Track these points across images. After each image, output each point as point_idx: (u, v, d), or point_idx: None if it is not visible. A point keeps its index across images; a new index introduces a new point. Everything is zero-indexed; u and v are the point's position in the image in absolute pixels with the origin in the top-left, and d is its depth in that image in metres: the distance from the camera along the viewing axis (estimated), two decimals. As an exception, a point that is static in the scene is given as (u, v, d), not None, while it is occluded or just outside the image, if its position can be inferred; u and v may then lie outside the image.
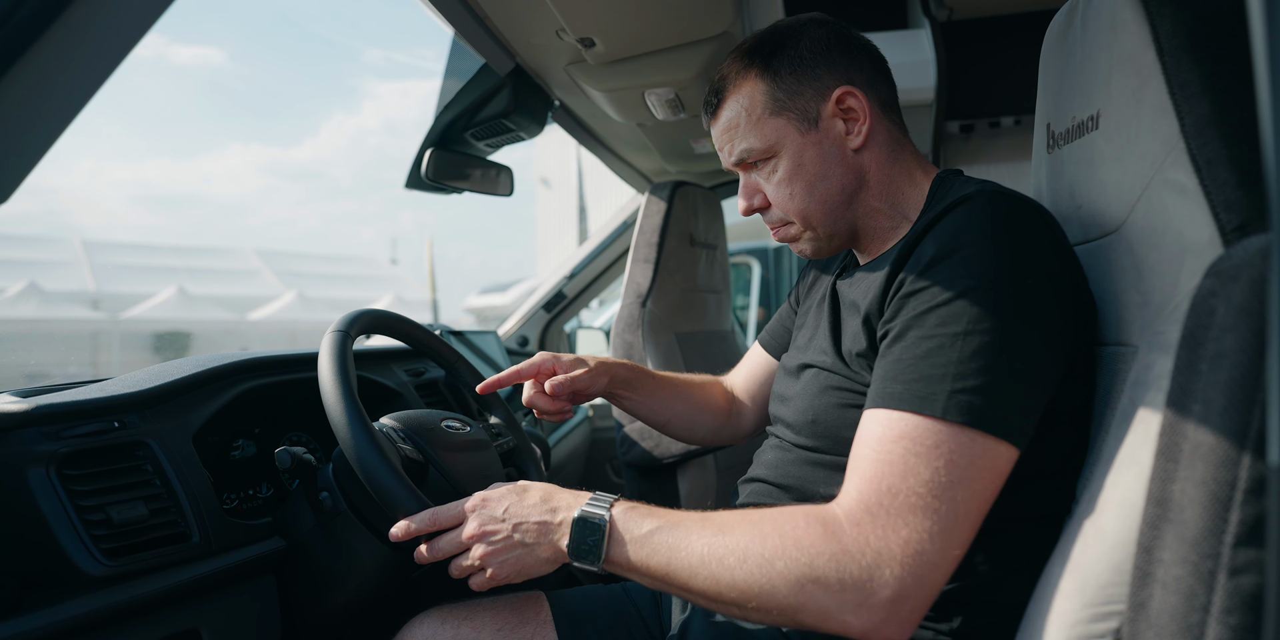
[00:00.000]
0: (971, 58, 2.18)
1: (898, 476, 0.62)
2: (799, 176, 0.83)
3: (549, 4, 1.10)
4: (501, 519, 0.75)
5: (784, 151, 0.83)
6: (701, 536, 0.66)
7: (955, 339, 0.64)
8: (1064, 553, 0.64)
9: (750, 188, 0.88)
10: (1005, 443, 0.63)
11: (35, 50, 0.61)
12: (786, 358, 0.95)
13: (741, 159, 0.85)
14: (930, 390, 0.64)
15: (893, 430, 0.64)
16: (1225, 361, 0.49)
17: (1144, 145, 0.67)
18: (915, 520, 0.60)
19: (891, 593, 0.60)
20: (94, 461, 0.81)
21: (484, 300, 10.54)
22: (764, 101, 0.83)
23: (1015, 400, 0.64)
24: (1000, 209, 0.70)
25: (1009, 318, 0.64)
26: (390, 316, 1.02)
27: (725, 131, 0.86)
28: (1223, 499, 0.47)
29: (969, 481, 0.61)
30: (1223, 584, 0.47)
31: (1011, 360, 0.64)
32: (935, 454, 0.62)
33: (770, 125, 0.83)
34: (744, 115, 0.84)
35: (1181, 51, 0.64)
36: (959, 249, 0.68)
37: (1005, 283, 0.65)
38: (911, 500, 0.61)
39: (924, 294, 0.68)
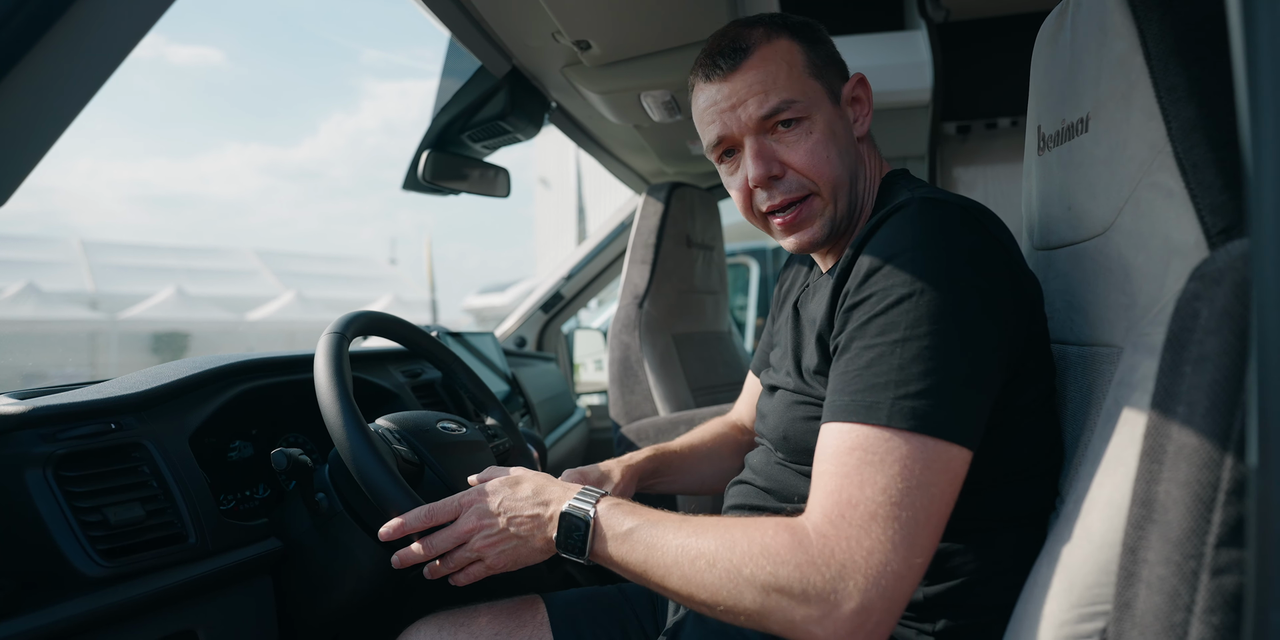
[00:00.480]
0: (968, 59, 2.19)
1: (855, 488, 0.63)
2: (832, 142, 0.81)
3: (545, 7, 1.11)
4: (497, 512, 0.76)
5: (818, 114, 0.81)
6: (677, 537, 0.68)
7: (895, 346, 0.65)
8: (1051, 553, 0.64)
9: (767, 152, 0.81)
10: (955, 445, 0.63)
11: (33, 53, 0.61)
12: (763, 377, 0.96)
13: (776, 111, 0.79)
14: (875, 399, 0.64)
15: (845, 442, 0.65)
16: (1208, 364, 0.49)
17: (1132, 148, 0.68)
18: (877, 530, 0.61)
19: (856, 605, 0.60)
20: (91, 463, 0.81)
21: (483, 300, 10.53)
22: (804, 61, 0.81)
23: (959, 402, 0.64)
24: (930, 216, 0.70)
25: (946, 320, 0.65)
26: (386, 318, 1.03)
27: (755, 85, 0.80)
28: (1205, 500, 0.48)
29: (925, 486, 0.62)
30: (1205, 584, 0.47)
31: (951, 362, 0.65)
32: (888, 462, 0.62)
33: (810, 86, 0.81)
34: (785, 69, 0.80)
35: (1169, 56, 0.65)
36: (892, 258, 0.68)
37: (937, 288, 0.66)
38: (871, 509, 0.61)
39: (864, 306, 0.69)
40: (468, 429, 1.01)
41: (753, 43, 0.81)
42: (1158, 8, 0.66)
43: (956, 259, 0.68)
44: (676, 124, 1.61)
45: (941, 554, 0.72)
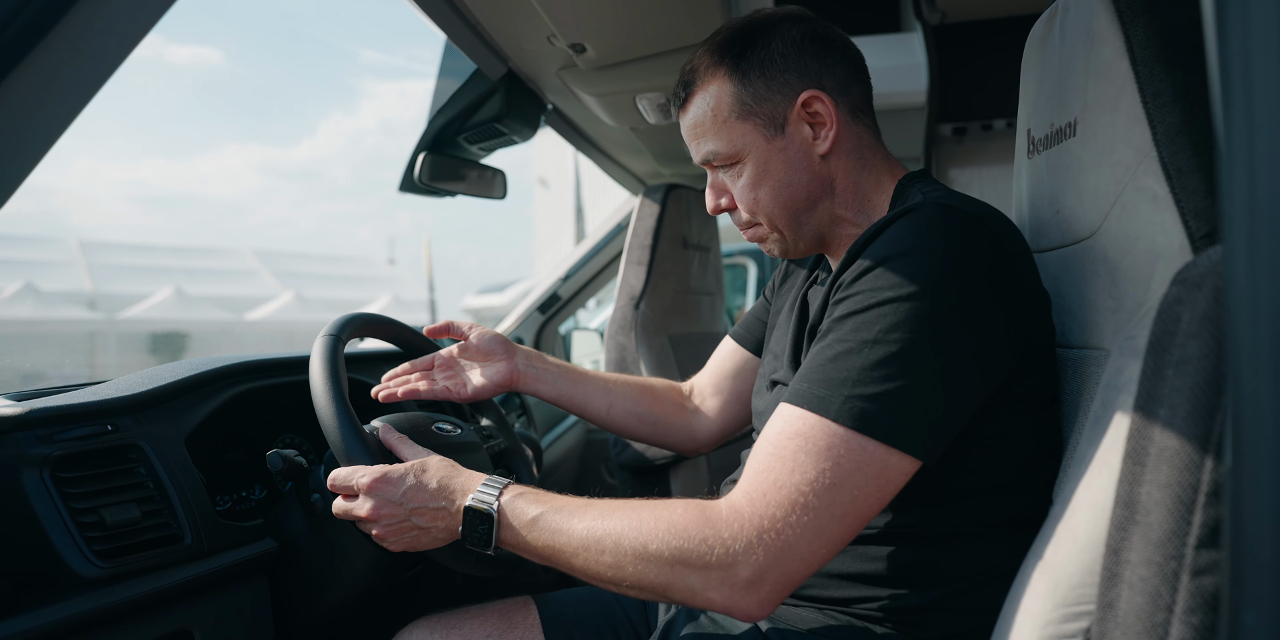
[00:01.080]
0: (964, 61, 2.20)
1: (785, 471, 0.64)
2: (764, 182, 0.83)
3: (540, 11, 1.12)
4: (399, 503, 0.77)
5: (749, 157, 0.83)
6: (583, 521, 0.70)
7: (864, 346, 0.66)
8: (1037, 554, 0.65)
9: (718, 187, 0.88)
10: (900, 452, 0.64)
11: (33, 55, 0.62)
12: (762, 368, 0.95)
13: (707, 160, 0.85)
14: (829, 392, 0.65)
15: (789, 427, 0.66)
16: (1189, 367, 0.50)
17: (1118, 153, 0.68)
18: (792, 515, 0.63)
19: (752, 573, 0.63)
20: (88, 464, 0.82)
21: (482, 300, 10.54)
22: (730, 104, 0.82)
23: (913, 411, 0.64)
24: (941, 221, 0.69)
25: (922, 330, 0.65)
26: (381, 319, 1.03)
27: (692, 128, 0.86)
28: (1186, 502, 0.49)
29: (852, 486, 0.63)
30: (1185, 584, 0.48)
31: (916, 372, 0.64)
32: (825, 455, 0.63)
33: (736, 129, 0.82)
34: (710, 116, 0.83)
35: (1154, 61, 0.66)
36: (890, 258, 0.68)
37: (922, 296, 0.65)
38: (793, 496, 0.63)
39: (848, 301, 0.69)
40: (463, 430, 1.02)
41: (696, 79, 0.85)
42: (1143, 13, 0.67)
43: (951, 268, 0.67)
44: (672, 126, 1.61)
45: (938, 560, 0.72)
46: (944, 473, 0.69)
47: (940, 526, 0.72)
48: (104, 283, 12.79)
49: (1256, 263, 0.34)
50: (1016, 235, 0.73)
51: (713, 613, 0.86)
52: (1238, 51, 0.35)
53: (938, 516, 0.72)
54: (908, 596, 0.72)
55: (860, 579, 0.74)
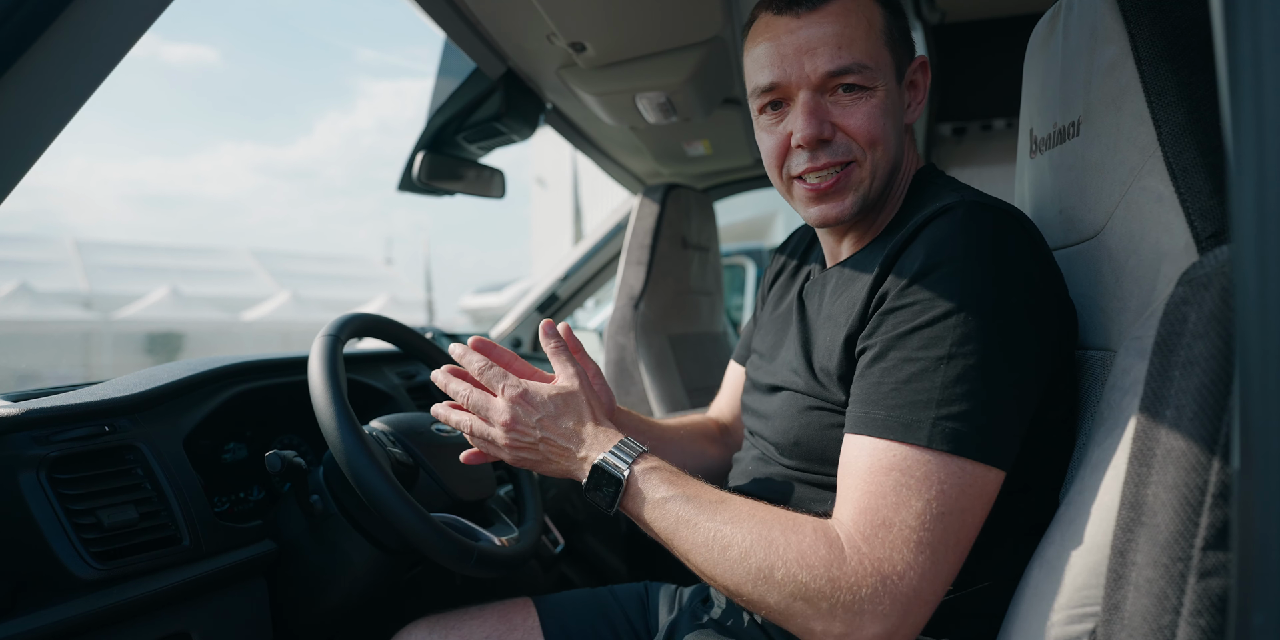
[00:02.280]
0: (964, 60, 2.20)
1: (890, 509, 0.61)
2: (890, 115, 0.76)
3: (539, 9, 1.11)
4: (533, 426, 0.75)
5: (882, 85, 0.76)
6: (712, 521, 0.67)
7: (939, 363, 0.63)
8: (1044, 556, 0.65)
9: (821, 112, 0.75)
10: (993, 468, 0.62)
11: (29, 55, 0.61)
12: (754, 370, 0.91)
13: (846, 71, 0.74)
14: (915, 417, 0.62)
15: (881, 461, 0.63)
16: (1196, 368, 0.50)
17: (1123, 152, 0.68)
18: (910, 555, 0.60)
19: (882, 628, 0.60)
20: (85, 465, 0.81)
21: (479, 300, 10.52)
22: (883, 26, 0.76)
23: (1000, 424, 0.63)
24: (982, 221, 0.67)
25: (992, 340, 0.63)
26: (380, 320, 1.03)
27: (831, 35, 0.74)
28: (1193, 503, 0.48)
29: (960, 511, 0.61)
30: (1192, 586, 0.47)
31: (995, 384, 0.63)
32: (926, 485, 0.61)
33: (882, 54, 0.76)
34: (866, 28, 0.75)
35: (1159, 60, 0.65)
36: (940, 265, 0.66)
37: (988, 303, 0.64)
38: (905, 533, 0.60)
39: (905, 312, 0.66)
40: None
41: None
42: (1149, 12, 0.67)
43: (1006, 273, 0.65)
44: (672, 125, 1.61)
45: None
46: None
47: None
48: (99, 282, 12.75)
49: (1266, 263, 0.34)
50: (1040, 233, 0.72)
51: (715, 615, 0.85)
52: (1246, 51, 0.35)
53: None
54: None
55: None
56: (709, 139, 1.84)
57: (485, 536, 0.87)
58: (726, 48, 1.34)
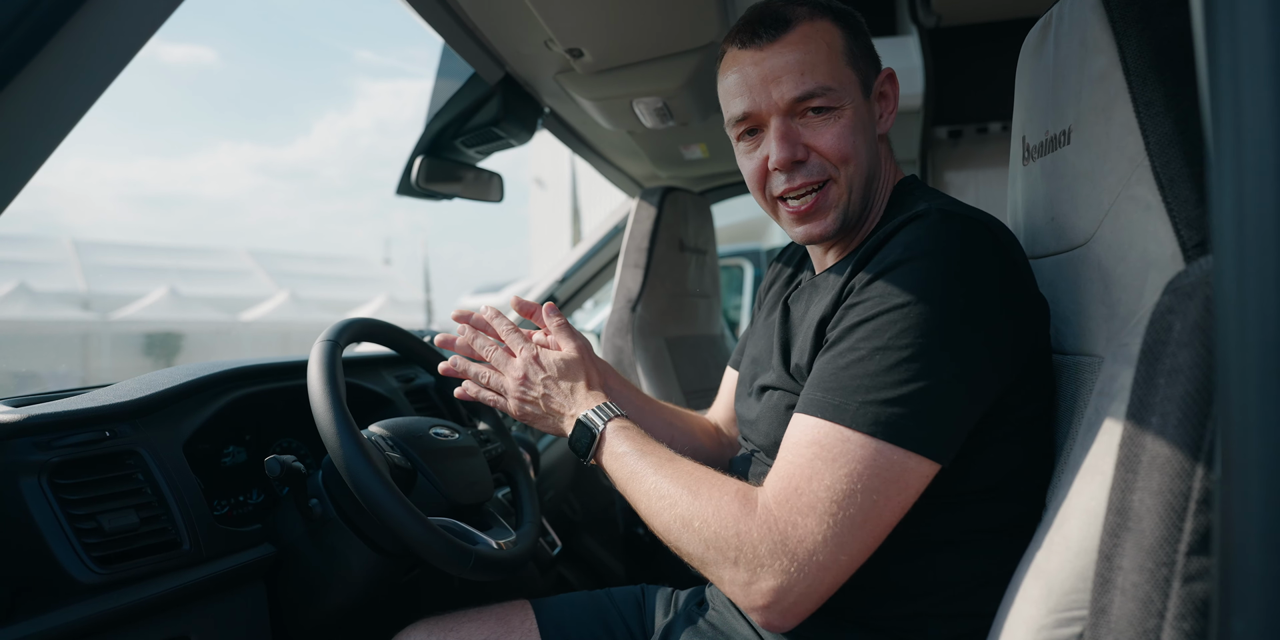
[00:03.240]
0: (960, 64, 2.21)
1: (804, 478, 0.65)
2: (859, 133, 0.80)
3: (537, 16, 1.12)
4: (539, 383, 0.87)
5: (849, 105, 0.79)
6: (656, 475, 0.76)
7: (875, 353, 0.66)
8: (1031, 559, 0.65)
9: (793, 135, 0.79)
10: (917, 456, 0.64)
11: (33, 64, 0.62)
12: (743, 377, 0.94)
13: (811, 95, 0.78)
14: (843, 400, 0.66)
15: (806, 435, 0.68)
16: (1181, 376, 0.50)
17: (1112, 161, 0.69)
18: (813, 522, 0.64)
19: (775, 583, 0.65)
20: (85, 470, 0.82)
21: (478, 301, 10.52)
22: (844, 47, 0.80)
23: (928, 415, 0.65)
24: (948, 228, 0.70)
25: (934, 334, 0.66)
26: (379, 324, 1.03)
27: (793, 63, 0.78)
28: (1177, 509, 0.49)
29: (870, 491, 0.64)
30: (1177, 590, 0.48)
31: (931, 376, 0.65)
32: (840, 462, 0.65)
33: (845, 74, 0.79)
34: (825, 51, 0.78)
35: (1147, 71, 0.66)
36: (899, 264, 0.69)
37: (932, 301, 0.66)
38: (812, 501, 0.65)
39: (858, 308, 0.70)
40: (460, 435, 1.02)
41: (796, 17, 0.79)
42: (1137, 24, 0.68)
43: (961, 275, 0.68)
44: (669, 130, 1.62)
45: (930, 564, 0.72)
46: (939, 479, 0.69)
47: (934, 533, 0.72)
48: (97, 283, 12.74)
49: (1245, 275, 0.35)
50: (1017, 243, 0.75)
51: (710, 618, 0.86)
52: (1226, 65, 0.36)
53: (932, 523, 0.72)
54: (904, 603, 0.73)
55: (857, 587, 0.75)
56: (706, 143, 1.85)
57: (483, 540, 0.88)
58: (723, 53, 1.35)
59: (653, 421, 1.03)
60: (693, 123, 1.52)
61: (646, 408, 1.04)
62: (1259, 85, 0.34)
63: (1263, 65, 0.34)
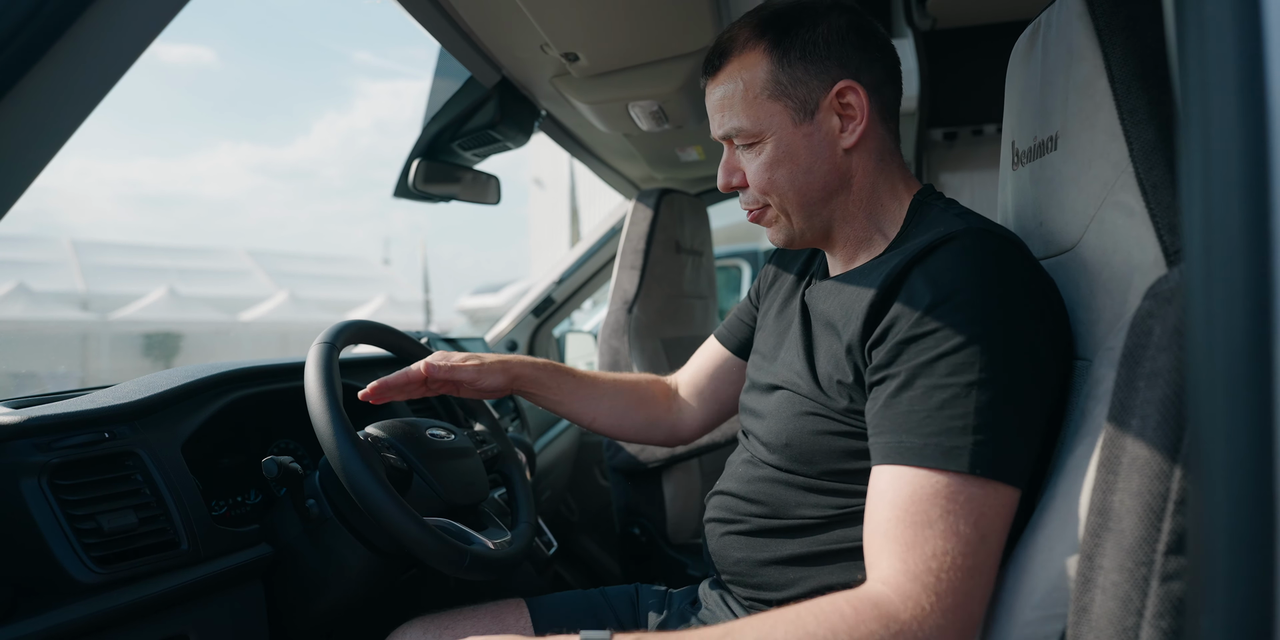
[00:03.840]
0: (955, 66, 2.22)
1: (939, 538, 0.62)
2: (782, 164, 0.81)
3: (532, 20, 1.13)
4: None
5: (772, 137, 0.81)
6: None
7: (969, 389, 0.64)
8: (1018, 558, 0.67)
9: (731, 164, 0.86)
10: (1015, 488, 0.65)
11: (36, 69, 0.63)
12: (754, 370, 0.93)
13: (728, 135, 0.83)
14: (954, 444, 0.63)
15: (923, 489, 0.63)
16: (1160, 380, 0.52)
17: (1097, 168, 0.70)
18: (964, 583, 0.61)
19: None
20: (85, 471, 0.83)
21: (477, 301, 10.53)
22: (764, 82, 0.80)
23: (1023, 447, 0.65)
24: (988, 251, 0.70)
25: (1013, 364, 0.66)
26: (375, 326, 1.04)
27: (719, 101, 0.83)
28: (1156, 510, 0.50)
29: (996, 533, 0.63)
30: (1155, 589, 0.49)
31: (1019, 406, 0.65)
32: (969, 510, 0.62)
33: (765, 109, 0.80)
34: (741, 92, 0.81)
35: (1131, 79, 0.67)
36: (954, 294, 0.67)
37: (1005, 329, 0.66)
38: (957, 561, 0.61)
39: (927, 340, 0.67)
40: (456, 435, 1.03)
41: (732, 49, 0.82)
42: (1122, 32, 0.69)
43: (1022, 300, 0.68)
44: (665, 132, 1.63)
45: None
46: None
47: None
48: (96, 283, 12.74)
49: (1212, 284, 0.36)
50: (1034, 255, 0.75)
51: (703, 617, 0.87)
52: (1195, 83, 0.37)
53: None
54: None
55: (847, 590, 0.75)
56: (702, 145, 1.86)
57: (478, 540, 0.89)
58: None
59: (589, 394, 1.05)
60: (688, 125, 1.53)
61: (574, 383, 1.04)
62: (1225, 103, 0.35)
63: (1230, 84, 0.35)
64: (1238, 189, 0.35)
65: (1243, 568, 0.35)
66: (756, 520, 0.82)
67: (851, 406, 0.74)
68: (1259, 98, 0.34)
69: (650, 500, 1.76)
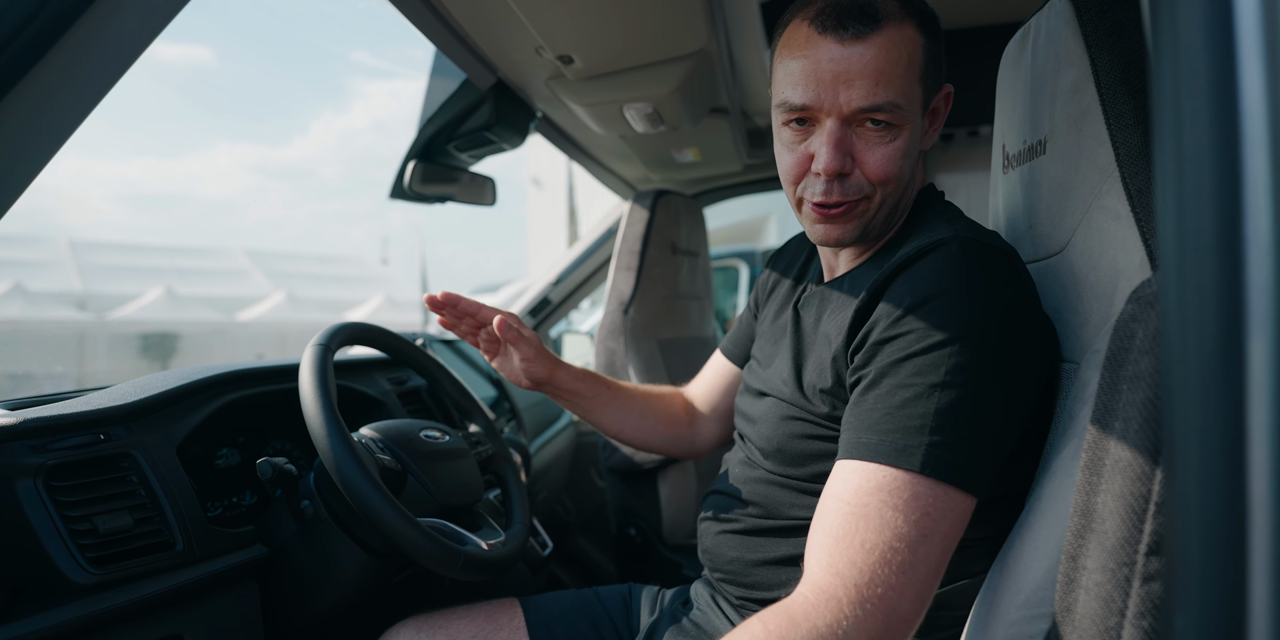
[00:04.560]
0: (951, 67, 2.22)
1: (872, 531, 0.61)
2: (908, 155, 0.76)
3: (527, 24, 1.13)
4: None
5: (908, 123, 0.75)
6: None
7: (933, 390, 0.64)
8: (1005, 559, 0.67)
9: (845, 143, 0.75)
10: (970, 496, 0.64)
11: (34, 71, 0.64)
12: (749, 374, 0.94)
13: (876, 108, 0.72)
14: (908, 442, 0.63)
15: (869, 482, 0.63)
16: (1142, 382, 0.52)
17: (1084, 172, 0.71)
18: (892, 578, 0.60)
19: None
20: (80, 473, 0.83)
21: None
22: (922, 62, 0.74)
23: (984, 454, 0.64)
24: (973, 259, 0.69)
25: (983, 371, 0.65)
26: (370, 329, 1.05)
27: (872, 67, 0.72)
28: (1138, 511, 0.51)
29: (940, 535, 0.62)
30: (1136, 590, 0.50)
31: (984, 414, 0.64)
32: (912, 507, 0.61)
33: (915, 90, 0.74)
34: (904, 64, 0.73)
35: (1117, 85, 0.68)
36: (934, 297, 0.67)
37: (980, 335, 0.66)
38: (887, 556, 0.60)
39: (900, 341, 0.67)
40: (450, 436, 1.04)
41: (886, 15, 0.72)
42: (1109, 38, 0.70)
43: (1000, 309, 0.67)
44: (660, 134, 1.63)
45: None
46: None
47: None
48: (93, 283, 12.73)
49: (1185, 291, 0.37)
50: (1026, 268, 0.74)
51: (695, 617, 0.88)
52: (1169, 95, 0.37)
53: None
54: None
55: None
56: (697, 146, 1.86)
57: (472, 540, 0.90)
58: (712, 60, 1.36)
59: (622, 406, 1.06)
60: (683, 127, 1.54)
61: (609, 395, 1.06)
62: (1198, 115, 0.36)
63: (1202, 92, 0.36)
64: (1209, 196, 0.35)
65: (1215, 568, 0.36)
66: (751, 520, 0.83)
67: (833, 413, 0.75)
68: (1230, 106, 0.35)
69: (646, 501, 1.76)
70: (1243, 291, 0.35)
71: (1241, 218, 0.35)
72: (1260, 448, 0.35)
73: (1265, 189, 0.35)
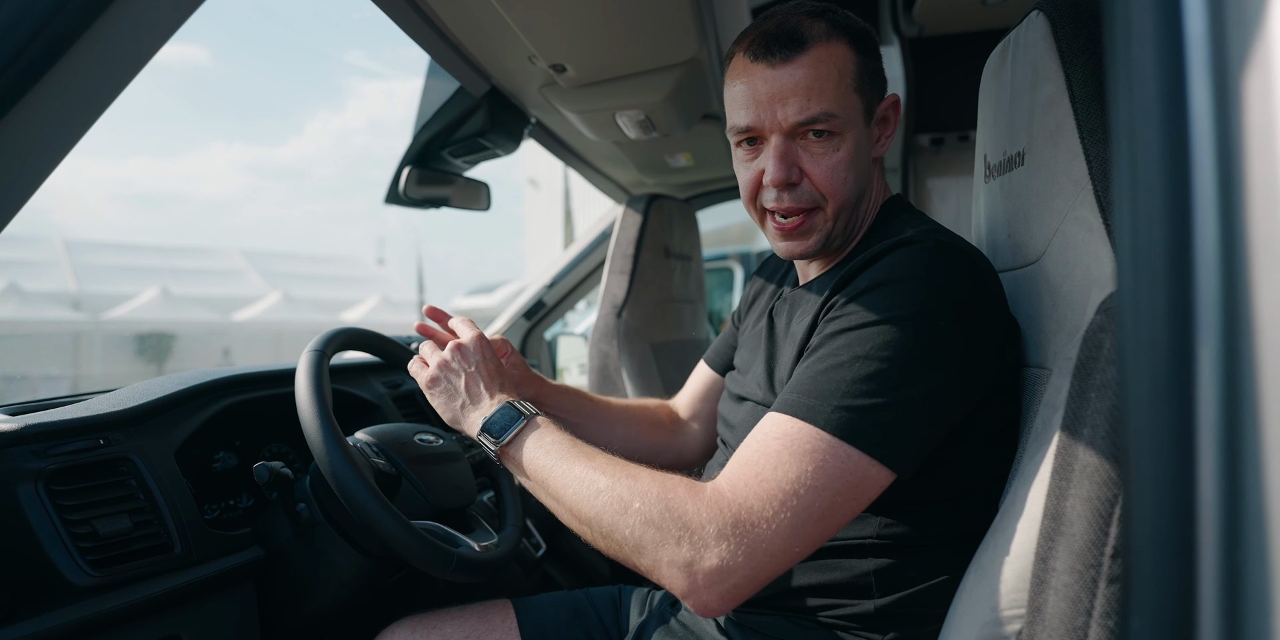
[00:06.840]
0: (941, 72, 2.25)
1: (769, 468, 0.66)
2: (854, 165, 0.80)
3: (519, 33, 1.15)
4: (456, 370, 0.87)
5: (850, 132, 0.79)
6: (589, 462, 0.73)
7: (855, 361, 0.68)
8: (979, 561, 0.69)
9: (791, 156, 0.80)
10: (879, 464, 0.66)
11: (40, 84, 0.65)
12: (730, 381, 0.97)
13: (812, 120, 0.78)
14: (818, 402, 0.68)
15: (777, 429, 0.68)
16: (1109, 391, 0.54)
17: (1059, 184, 0.73)
18: (770, 509, 0.64)
19: (719, 564, 0.63)
20: (80, 477, 0.85)
21: (471, 301, 10.53)
22: (854, 73, 0.79)
23: (895, 426, 0.67)
24: (936, 256, 0.73)
25: (912, 351, 0.68)
26: (365, 334, 1.06)
27: (802, 84, 0.77)
28: (1104, 515, 0.53)
29: (830, 491, 0.65)
30: (1102, 591, 0.52)
31: (904, 390, 0.67)
32: (807, 458, 0.65)
33: (852, 101, 0.79)
34: (835, 77, 0.78)
35: (1090, 99, 0.70)
36: (886, 283, 0.71)
37: (920, 317, 0.69)
38: (773, 490, 0.65)
39: (842, 319, 0.72)
40: (444, 440, 1.05)
41: (811, 37, 0.78)
42: (1083, 54, 0.72)
43: (943, 297, 0.70)
44: (652, 140, 1.65)
45: (893, 567, 0.76)
46: (905, 486, 0.72)
47: (898, 538, 0.76)
48: (89, 283, 12.70)
49: (1139, 306, 0.39)
50: (995, 274, 0.77)
51: (683, 618, 0.90)
52: (1124, 117, 0.39)
53: (896, 528, 0.75)
54: (866, 604, 0.76)
55: (823, 589, 0.78)
56: (690, 151, 1.88)
57: (465, 542, 0.91)
58: (703, 68, 1.38)
59: (604, 420, 1.09)
60: (675, 134, 1.56)
61: (591, 408, 1.09)
62: (1149, 130, 0.38)
63: (1153, 112, 0.38)
64: (1160, 213, 0.37)
65: (1168, 571, 0.38)
66: None
67: None
68: (1181, 123, 0.37)
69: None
70: (1193, 304, 0.37)
71: (1190, 236, 0.37)
72: (1208, 457, 0.37)
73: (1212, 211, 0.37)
